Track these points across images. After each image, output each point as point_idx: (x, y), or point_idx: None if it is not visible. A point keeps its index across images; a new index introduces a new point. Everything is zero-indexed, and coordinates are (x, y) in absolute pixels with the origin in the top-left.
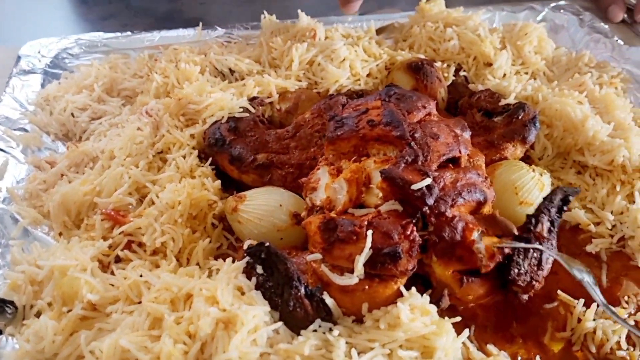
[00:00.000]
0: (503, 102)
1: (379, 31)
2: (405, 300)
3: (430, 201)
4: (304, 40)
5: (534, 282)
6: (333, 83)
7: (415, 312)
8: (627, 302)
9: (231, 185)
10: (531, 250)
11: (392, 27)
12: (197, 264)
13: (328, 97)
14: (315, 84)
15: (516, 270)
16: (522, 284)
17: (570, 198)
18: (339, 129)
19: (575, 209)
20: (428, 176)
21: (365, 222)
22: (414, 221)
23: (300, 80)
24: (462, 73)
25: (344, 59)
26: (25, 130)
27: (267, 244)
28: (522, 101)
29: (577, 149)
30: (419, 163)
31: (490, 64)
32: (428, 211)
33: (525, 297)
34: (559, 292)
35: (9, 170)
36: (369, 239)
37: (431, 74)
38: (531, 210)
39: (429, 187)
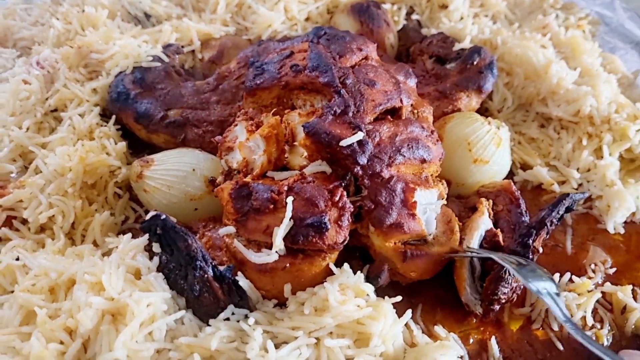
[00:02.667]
0: (457, 46)
1: None
2: (334, 279)
3: (363, 160)
4: None
5: (514, 296)
6: (265, 28)
7: (346, 292)
8: (593, 272)
9: (143, 149)
10: None
11: None
12: (95, 242)
13: (257, 44)
14: (245, 29)
15: (505, 290)
16: (503, 301)
17: (575, 207)
18: (258, 77)
19: (538, 167)
20: (360, 130)
21: (285, 188)
22: (343, 184)
23: (227, 26)
24: (414, 16)
25: (278, 1)
26: None
27: (162, 216)
28: (477, 45)
29: (539, 99)
30: (350, 115)
31: (445, 6)
32: (360, 172)
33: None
34: None
35: None
36: (289, 208)
37: (378, 17)
38: (487, 169)
39: (360, 142)
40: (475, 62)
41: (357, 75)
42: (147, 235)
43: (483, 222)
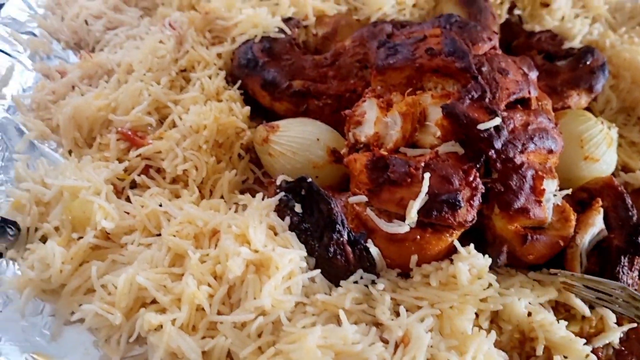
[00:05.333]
0: (567, 45)
1: None
2: (464, 259)
3: (498, 144)
4: None
5: None
6: (376, 10)
7: (472, 272)
8: None
9: (259, 114)
10: (635, 262)
11: None
12: (222, 197)
13: (372, 25)
14: (355, 9)
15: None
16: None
17: None
18: (391, 57)
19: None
20: (497, 115)
21: (422, 164)
22: (477, 166)
23: (339, 4)
24: (516, 11)
25: None
26: (34, 35)
27: (309, 179)
28: (589, 45)
29: None
30: (486, 100)
31: (547, 5)
32: (494, 156)
33: None
34: None
35: (15, 76)
36: (426, 183)
37: (485, 9)
38: (596, 167)
39: (497, 128)
40: (587, 62)
41: (491, 63)
42: (279, 195)
43: (598, 221)
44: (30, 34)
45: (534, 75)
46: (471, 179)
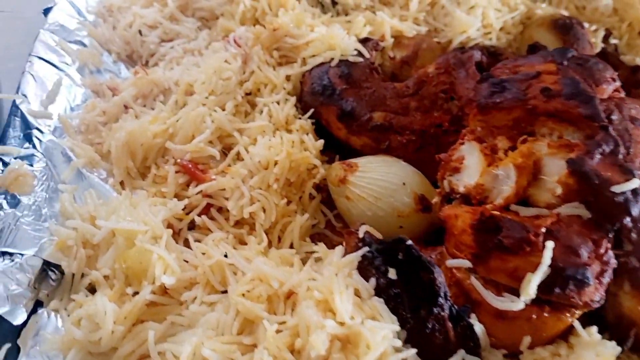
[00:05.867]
0: None
1: None
2: (587, 346)
3: (635, 211)
4: None
5: None
6: (459, 33)
7: None
8: None
9: (328, 145)
10: None
11: None
12: (291, 245)
13: (459, 50)
14: (436, 30)
15: None
16: None
17: None
18: (497, 95)
19: None
20: (634, 176)
21: (543, 229)
22: (609, 236)
23: (418, 25)
24: (612, 40)
25: (474, 5)
26: (83, 45)
27: (408, 241)
28: None
29: None
30: (620, 156)
31: None
32: (630, 224)
33: None
34: None
35: (62, 92)
36: (549, 253)
37: (583, 37)
38: None
39: (634, 191)
40: None
41: (620, 110)
42: (361, 251)
43: None
44: (80, 44)
45: None
46: (602, 251)
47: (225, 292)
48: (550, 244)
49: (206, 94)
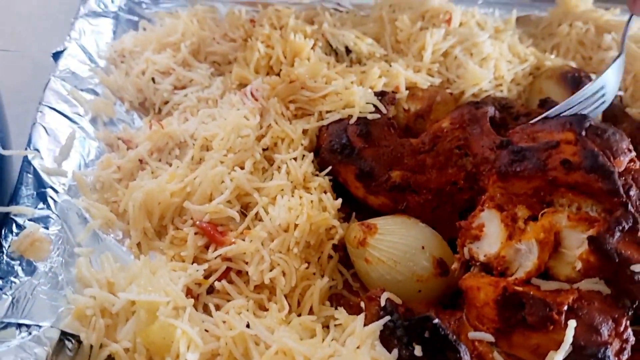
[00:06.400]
0: None
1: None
2: None
3: None
4: (435, 24)
5: None
6: (472, 86)
7: None
8: None
9: (345, 202)
10: None
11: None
12: (310, 308)
13: (473, 105)
14: (448, 81)
15: None
16: None
17: None
18: (517, 164)
19: None
20: None
21: (565, 307)
22: (629, 314)
23: (432, 76)
24: (618, 93)
25: (486, 57)
26: (96, 93)
27: (435, 320)
28: None
29: None
30: (639, 234)
31: None
32: None
33: None
34: None
35: (76, 146)
36: (571, 332)
37: None
38: None
39: None
40: None
41: (638, 184)
42: (383, 320)
43: None
44: (92, 92)
45: None
46: (622, 329)
47: None
48: (572, 323)
49: (224, 151)
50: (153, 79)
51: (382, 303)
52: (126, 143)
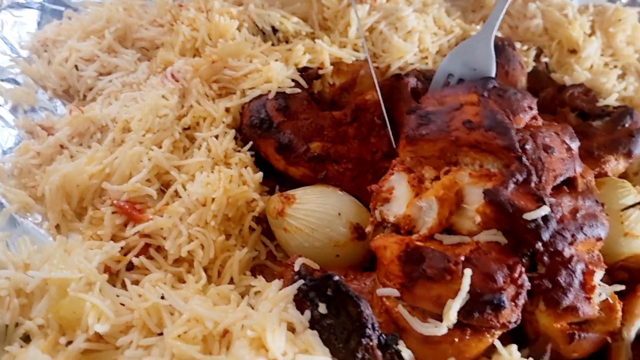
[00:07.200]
0: (601, 102)
1: None
2: None
3: (546, 236)
4: (362, 0)
5: None
6: (397, 59)
7: None
8: None
9: (269, 175)
10: None
11: None
12: (231, 280)
13: (394, 77)
14: (375, 56)
15: None
16: None
17: None
18: (423, 127)
19: None
20: (544, 203)
21: (462, 258)
22: (523, 260)
23: (357, 51)
24: (543, 59)
25: (411, 30)
26: (17, 83)
27: (335, 277)
28: (627, 105)
29: None
30: (532, 185)
31: (575, 52)
32: (542, 249)
33: None
34: None
35: None
36: (467, 281)
37: (514, 58)
38: (637, 244)
39: (545, 217)
40: (626, 125)
41: (535, 139)
42: (296, 284)
43: None
44: (12, 82)
45: (575, 146)
46: (516, 275)
47: (161, 334)
48: (468, 272)
49: (143, 132)
50: (76, 66)
51: (297, 268)
52: (47, 130)
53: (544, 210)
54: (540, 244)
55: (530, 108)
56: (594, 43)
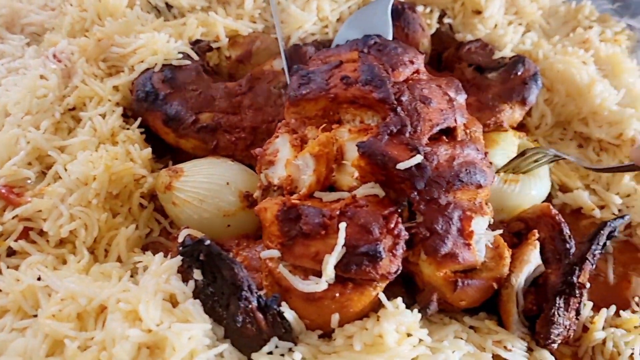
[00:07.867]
0: (497, 55)
1: None
2: (389, 316)
3: (421, 185)
4: None
5: (570, 334)
6: (296, 29)
7: (400, 330)
8: (637, 305)
9: (166, 153)
10: (571, 303)
11: None
12: (119, 258)
13: (293, 47)
14: (273, 27)
15: (556, 332)
16: (559, 342)
17: (617, 233)
18: (304, 87)
19: (579, 190)
20: (418, 152)
21: (337, 212)
22: (399, 210)
23: (254, 22)
24: (446, 20)
25: None
26: None
27: (206, 241)
28: (520, 54)
29: (580, 118)
30: (407, 135)
31: (479, 12)
32: (417, 197)
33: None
34: None
35: None
36: (342, 234)
37: (413, 20)
38: (525, 193)
39: (419, 166)
40: (519, 73)
41: (412, 91)
42: (180, 256)
43: (534, 257)
44: None
45: (461, 98)
46: (392, 225)
47: (37, 316)
48: (343, 225)
49: (22, 115)
50: None
51: (181, 239)
52: None
53: (417, 159)
54: (415, 192)
55: (412, 62)
56: (496, 2)
